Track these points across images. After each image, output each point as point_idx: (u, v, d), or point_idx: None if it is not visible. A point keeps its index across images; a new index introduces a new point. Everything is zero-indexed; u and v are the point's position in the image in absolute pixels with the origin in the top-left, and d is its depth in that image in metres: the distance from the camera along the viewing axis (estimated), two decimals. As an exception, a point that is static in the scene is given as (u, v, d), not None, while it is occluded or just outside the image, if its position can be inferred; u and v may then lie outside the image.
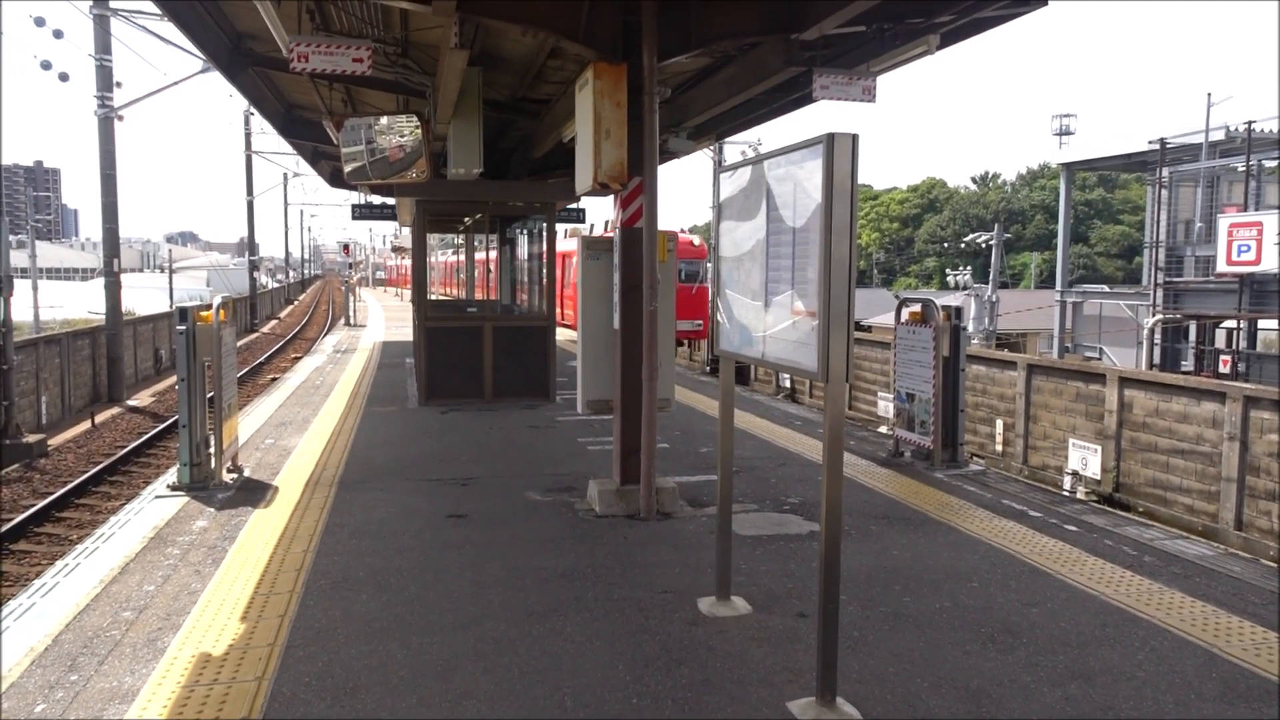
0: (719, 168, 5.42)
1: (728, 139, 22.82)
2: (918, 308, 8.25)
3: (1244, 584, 5.19)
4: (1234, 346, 21.38)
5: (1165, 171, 23.04)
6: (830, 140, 3.42)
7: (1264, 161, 22.68)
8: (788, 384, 22.14)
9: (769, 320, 4.03)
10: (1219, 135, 23.52)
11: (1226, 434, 12.35)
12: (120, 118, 20.33)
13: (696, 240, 25.60)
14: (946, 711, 3.70)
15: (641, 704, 3.74)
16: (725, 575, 4.80)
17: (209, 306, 7.30)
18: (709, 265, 24.10)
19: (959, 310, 8.03)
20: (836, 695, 3.69)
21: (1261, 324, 21.29)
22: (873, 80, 7.18)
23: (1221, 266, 20.08)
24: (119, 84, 20.38)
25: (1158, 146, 23.33)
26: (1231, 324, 21.55)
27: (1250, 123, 21.48)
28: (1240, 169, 21.93)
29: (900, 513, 6.64)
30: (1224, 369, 20.40)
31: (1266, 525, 11.88)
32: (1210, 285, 21.21)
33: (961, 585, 5.14)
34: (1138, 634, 4.48)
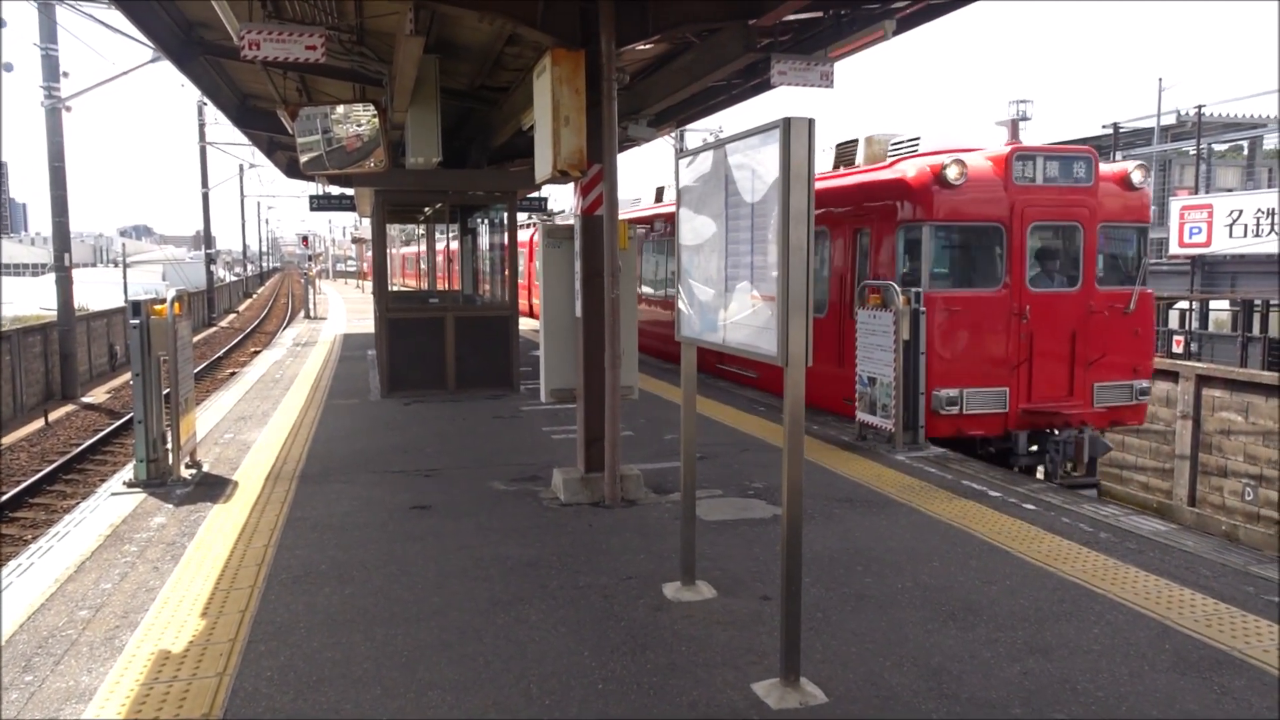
0: (679, 154, 5.41)
1: (689, 126, 22.75)
2: (879, 293, 8.31)
3: (1196, 558, 5.32)
4: (1186, 327, 21.85)
5: (1118, 155, 23.43)
6: (787, 125, 3.42)
7: (1214, 145, 23.13)
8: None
9: (730, 306, 4.05)
10: (1170, 120, 23.95)
11: (1180, 413, 12.63)
12: (68, 108, 19.86)
13: (1137, 176, 9.63)
14: (908, 689, 3.75)
15: (607, 689, 3.75)
16: (690, 560, 4.82)
17: (163, 300, 7.17)
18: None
19: (919, 294, 8.10)
20: (800, 676, 3.72)
21: (1213, 304, 21.76)
22: (830, 66, 7.22)
23: (1174, 248, 20.47)
24: (66, 74, 19.90)
25: (1111, 131, 23.72)
26: (1184, 305, 22.01)
27: (1200, 107, 21.88)
28: (1191, 152, 22.36)
29: (862, 495, 6.71)
30: (1177, 349, 20.83)
31: (1218, 501, 12.17)
32: (1163, 267, 21.62)
33: (922, 565, 5.21)
34: (1094, 608, 4.57)
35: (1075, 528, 5.91)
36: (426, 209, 19.72)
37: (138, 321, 6.84)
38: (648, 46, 8.43)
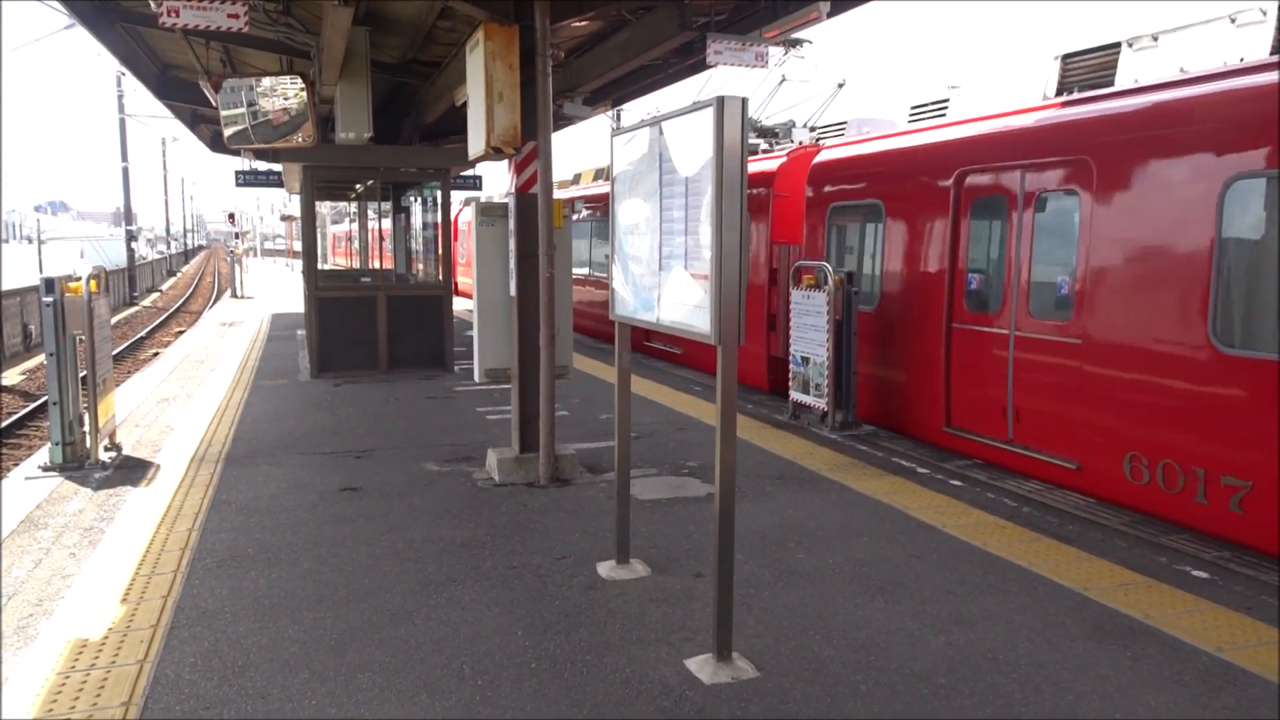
0: (615, 133, 5.36)
1: (625, 105, 22.60)
2: (812, 273, 8.40)
3: (1112, 530, 5.51)
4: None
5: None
6: (720, 103, 3.42)
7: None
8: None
9: (664, 285, 4.04)
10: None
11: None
12: (-24, 76, 18.95)
13: None
14: (838, 661, 3.82)
15: (540, 668, 3.75)
16: (624, 539, 4.83)
17: (78, 277, 6.91)
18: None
19: (850, 275, 8.20)
20: (732, 651, 3.77)
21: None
22: (765, 46, 7.23)
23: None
24: (-27, 40, 18.97)
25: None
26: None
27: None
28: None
29: (795, 473, 6.80)
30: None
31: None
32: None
33: (853, 541, 5.30)
34: (1015, 580, 4.70)
35: (999, 503, 6.07)
36: (358, 186, 19.32)
37: (51, 299, 6.58)
38: (583, 23, 8.34)
